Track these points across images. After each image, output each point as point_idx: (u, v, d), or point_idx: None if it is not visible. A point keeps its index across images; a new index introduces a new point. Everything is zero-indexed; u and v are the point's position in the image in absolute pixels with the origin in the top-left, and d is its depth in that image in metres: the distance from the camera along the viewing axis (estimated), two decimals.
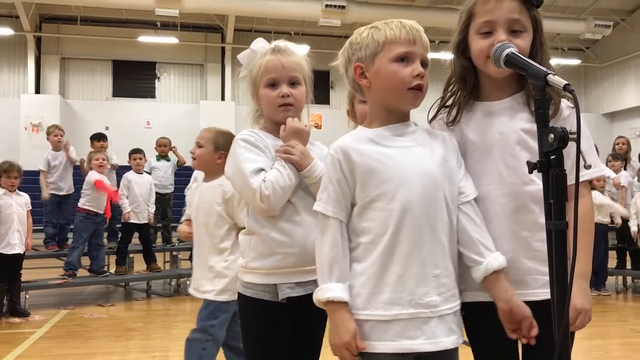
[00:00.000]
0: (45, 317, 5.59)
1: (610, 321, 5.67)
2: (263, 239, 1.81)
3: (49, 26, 16.13)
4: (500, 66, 1.48)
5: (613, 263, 7.29)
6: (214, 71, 17.05)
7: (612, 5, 16.41)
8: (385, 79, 1.55)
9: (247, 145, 1.83)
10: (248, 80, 1.96)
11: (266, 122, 1.96)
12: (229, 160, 1.86)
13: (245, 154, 1.80)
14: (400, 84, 1.53)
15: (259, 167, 1.77)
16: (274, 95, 1.87)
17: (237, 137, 1.87)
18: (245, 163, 1.78)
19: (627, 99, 17.45)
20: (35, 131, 14.68)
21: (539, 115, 1.30)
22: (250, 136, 1.85)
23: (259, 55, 1.93)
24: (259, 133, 1.89)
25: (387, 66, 1.54)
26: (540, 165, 1.29)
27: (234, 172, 1.82)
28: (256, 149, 1.82)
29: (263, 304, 1.80)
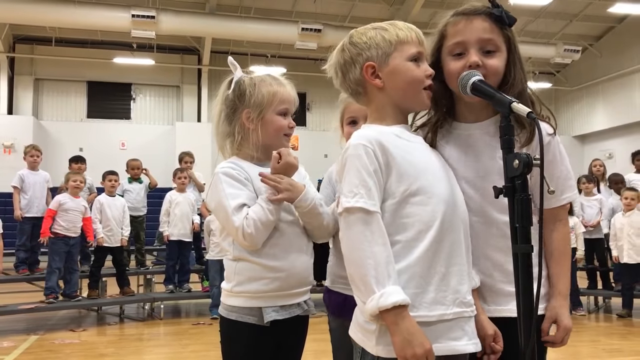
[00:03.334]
0: (14, 343, 5.47)
1: (583, 341, 5.74)
2: (249, 264, 1.81)
3: (22, 47, 16.00)
4: (467, 94, 1.52)
5: (584, 283, 7.40)
6: (190, 93, 17.05)
7: (581, 31, 16.88)
8: (403, 78, 1.54)
9: (228, 179, 1.81)
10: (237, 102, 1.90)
11: (252, 149, 1.90)
12: (211, 194, 1.85)
13: (227, 189, 1.79)
14: (418, 83, 1.55)
15: (241, 202, 1.77)
16: (285, 124, 1.90)
17: (218, 169, 1.85)
18: (227, 199, 1.77)
19: (596, 122, 17.87)
20: (7, 152, 14.48)
21: (504, 142, 1.35)
22: (232, 169, 1.83)
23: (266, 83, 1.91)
24: (241, 164, 1.87)
25: (404, 65, 1.54)
26: (506, 190, 1.32)
27: (217, 207, 1.81)
28: (238, 183, 1.81)
29: (248, 327, 1.80)
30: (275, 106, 1.88)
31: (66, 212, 6.30)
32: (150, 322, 6.69)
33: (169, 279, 7.11)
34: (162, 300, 6.96)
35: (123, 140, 15.83)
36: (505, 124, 1.36)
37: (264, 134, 1.88)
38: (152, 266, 8.13)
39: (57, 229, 6.25)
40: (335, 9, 15.37)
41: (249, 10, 14.87)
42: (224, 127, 1.94)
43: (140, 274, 7.75)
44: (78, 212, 6.42)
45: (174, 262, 7.14)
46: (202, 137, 15.37)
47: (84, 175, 6.93)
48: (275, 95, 1.89)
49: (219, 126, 1.95)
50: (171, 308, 7.48)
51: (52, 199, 6.55)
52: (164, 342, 5.89)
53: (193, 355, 4.87)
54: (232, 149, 1.93)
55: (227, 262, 1.90)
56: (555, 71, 18.83)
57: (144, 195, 7.80)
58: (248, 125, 1.88)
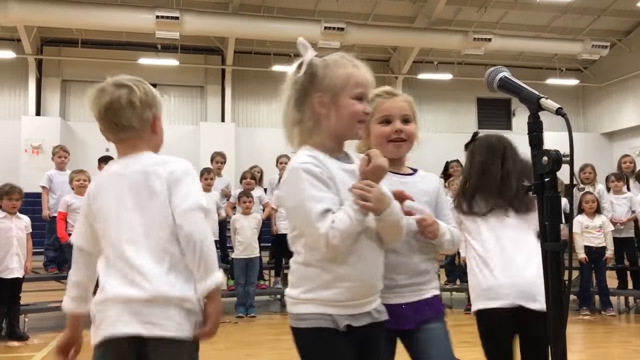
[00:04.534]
0: (44, 340, 5.56)
1: (613, 342, 5.64)
2: (322, 271, 1.68)
3: (50, 49, 16.28)
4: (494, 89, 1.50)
5: (614, 283, 7.27)
6: (214, 93, 17.16)
7: (609, 27, 16.58)
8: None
9: (310, 178, 1.64)
10: (308, 85, 1.74)
11: (325, 137, 1.75)
12: (288, 191, 1.68)
13: (310, 190, 1.62)
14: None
15: (325, 208, 1.61)
16: (360, 109, 1.74)
17: (296, 164, 1.67)
18: (310, 202, 1.61)
19: (625, 119, 17.54)
20: (35, 153, 14.74)
21: (532, 138, 1.32)
22: (314, 166, 1.66)
23: (339, 64, 1.75)
24: (320, 157, 1.70)
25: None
26: (535, 188, 1.30)
27: (296, 207, 1.65)
28: (320, 184, 1.64)
29: (325, 332, 1.66)
30: (350, 89, 1.73)
31: (75, 212, 6.29)
32: None
33: None
34: None
35: None
36: (533, 120, 1.33)
37: (338, 120, 1.72)
38: None
39: (70, 230, 6.29)
40: (358, 7, 15.33)
41: (271, 10, 14.92)
42: (292, 114, 1.77)
43: None
44: None
45: None
46: (226, 137, 15.49)
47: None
48: (350, 77, 1.73)
49: (288, 113, 1.78)
50: None
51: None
52: None
53: (219, 354, 4.90)
54: (301, 138, 1.77)
55: (296, 266, 1.75)
56: (582, 67, 18.53)
57: None
58: (320, 110, 1.73)
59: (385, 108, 2.05)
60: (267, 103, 17.36)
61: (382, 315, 1.78)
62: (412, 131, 2.06)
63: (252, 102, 17.34)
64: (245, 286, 6.73)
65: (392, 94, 2.09)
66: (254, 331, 6.03)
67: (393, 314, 1.86)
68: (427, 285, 2.03)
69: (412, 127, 2.06)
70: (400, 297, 1.98)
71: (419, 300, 2.00)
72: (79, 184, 6.40)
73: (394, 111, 2.05)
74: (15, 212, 5.63)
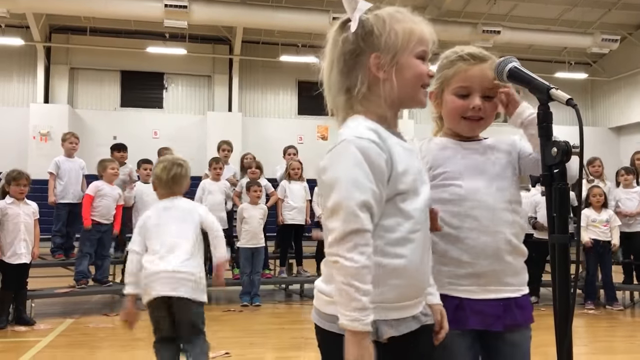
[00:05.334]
0: (50, 326, 5.61)
1: (618, 336, 5.64)
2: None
3: (58, 36, 16.29)
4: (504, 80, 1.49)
5: (620, 278, 7.25)
6: (221, 82, 17.15)
7: (619, 20, 16.44)
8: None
9: (361, 160, 1.33)
10: (361, 45, 1.45)
11: (383, 105, 1.47)
12: (331, 161, 1.37)
13: (358, 175, 1.32)
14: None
15: (365, 199, 1.31)
16: (425, 70, 1.49)
17: (351, 136, 1.36)
18: (353, 187, 1.31)
19: (634, 113, 17.43)
20: (43, 140, 14.80)
21: (542, 129, 1.32)
22: (371, 143, 1.35)
23: (397, 19, 1.50)
24: (380, 131, 1.40)
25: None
26: (543, 179, 1.30)
27: (333, 183, 1.34)
28: (371, 173, 1.33)
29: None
30: (412, 47, 1.46)
31: (102, 198, 6.41)
32: None
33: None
34: None
35: (155, 129, 16.03)
36: (543, 111, 1.33)
37: (401, 84, 1.45)
38: None
39: (94, 216, 6.36)
40: None
41: (280, 0, 14.86)
42: (338, 80, 1.48)
43: None
44: (112, 199, 6.52)
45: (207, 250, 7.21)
46: (233, 126, 15.49)
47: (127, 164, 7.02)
48: (412, 33, 1.47)
49: (331, 79, 1.49)
50: None
51: (88, 186, 6.66)
52: None
53: (224, 342, 4.92)
54: (349, 107, 1.48)
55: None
56: (592, 61, 18.40)
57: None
58: (378, 73, 1.44)
59: (466, 77, 1.73)
60: (275, 93, 17.34)
61: (429, 318, 1.50)
62: (492, 108, 1.75)
63: (259, 92, 17.33)
64: (250, 275, 6.75)
65: (480, 59, 1.74)
66: (258, 320, 6.05)
67: (477, 311, 1.63)
68: (516, 278, 1.71)
69: (493, 104, 1.74)
70: (487, 292, 1.66)
71: (508, 299, 1.68)
72: (112, 172, 6.52)
73: (475, 82, 1.72)
74: (22, 198, 5.67)
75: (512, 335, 1.68)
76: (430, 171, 1.71)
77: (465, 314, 1.63)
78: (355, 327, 1.26)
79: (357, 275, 1.26)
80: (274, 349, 4.86)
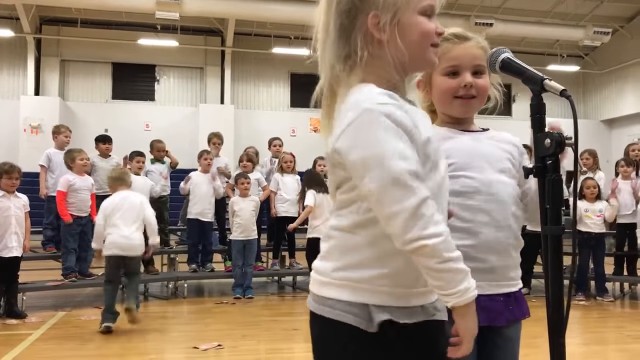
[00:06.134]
0: (42, 319, 5.58)
1: (608, 327, 5.68)
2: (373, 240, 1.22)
3: (49, 28, 16.16)
4: (496, 71, 1.49)
5: (610, 269, 7.30)
6: (213, 74, 17.08)
7: (611, 13, 16.47)
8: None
9: (393, 126, 1.16)
10: (356, 4, 1.28)
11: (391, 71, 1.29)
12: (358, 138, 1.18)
13: (394, 143, 1.15)
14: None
15: (415, 169, 1.15)
16: (432, 27, 1.30)
17: (370, 104, 1.18)
18: (394, 159, 1.14)
19: (625, 106, 17.51)
20: (34, 133, 14.70)
21: (535, 120, 1.31)
22: (396, 108, 1.19)
23: None
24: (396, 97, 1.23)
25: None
26: (536, 171, 1.29)
27: (368, 164, 1.15)
28: (407, 137, 1.18)
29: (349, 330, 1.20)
30: (415, 2, 1.27)
31: (76, 192, 6.30)
32: (173, 301, 6.78)
33: (192, 259, 7.19)
34: (185, 280, 7.04)
35: (147, 121, 15.95)
36: (536, 102, 1.32)
37: (407, 44, 1.26)
38: (176, 246, 8.21)
39: (71, 210, 6.29)
40: None
41: None
42: (335, 47, 1.29)
43: (164, 253, 7.83)
44: (87, 190, 6.43)
45: (196, 242, 7.22)
46: (225, 119, 15.44)
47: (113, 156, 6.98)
48: None
49: (328, 47, 1.30)
50: (194, 287, 7.57)
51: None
52: (187, 320, 5.97)
53: (216, 334, 4.92)
54: (350, 76, 1.28)
55: (338, 234, 1.26)
56: (583, 54, 18.45)
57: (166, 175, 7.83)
58: (379, 35, 1.26)
59: (453, 56, 1.66)
60: (267, 85, 17.28)
61: (440, 313, 1.29)
62: (484, 85, 1.68)
63: (251, 84, 17.27)
64: (242, 267, 6.75)
65: (463, 38, 1.69)
66: (251, 312, 6.06)
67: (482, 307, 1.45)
68: (515, 272, 1.68)
69: (484, 81, 1.68)
70: (494, 287, 1.61)
71: (509, 293, 1.65)
72: (82, 163, 6.38)
73: (464, 60, 1.66)
74: (13, 191, 5.63)
75: (509, 330, 1.66)
76: None
77: None
78: (469, 297, 1.16)
79: (447, 246, 1.13)
80: (267, 340, 4.86)
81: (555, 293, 1.28)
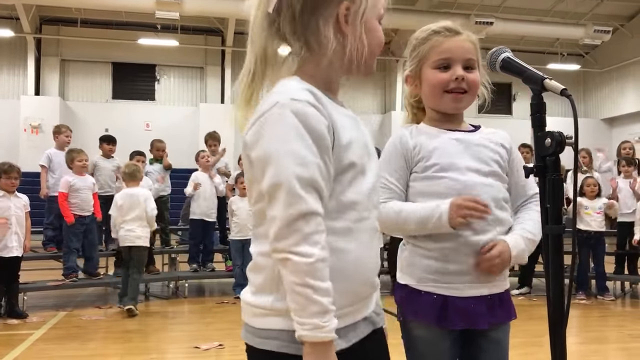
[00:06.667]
0: (43, 318, 5.59)
1: (608, 326, 5.68)
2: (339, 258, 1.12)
3: (49, 28, 16.16)
4: (496, 70, 1.48)
5: (611, 268, 7.30)
6: (213, 74, 17.08)
7: (612, 11, 16.46)
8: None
9: (301, 128, 1.07)
10: None
11: (338, 69, 1.21)
12: (261, 132, 1.10)
13: (294, 144, 1.06)
14: None
15: (310, 176, 1.06)
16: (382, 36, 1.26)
17: (285, 98, 1.09)
18: (288, 159, 1.06)
19: (626, 105, 17.49)
20: (34, 132, 14.70)
21: (535, 120, 1.31)
22: (311, 108, 1.09)
23: None
24: (316, 93, 1.12)
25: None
26: (537, 170, 1.29)
27: (264, 159, 1.08)
28: (313, 143, 1.07)
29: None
30: (379, 7, 1.21)
31: (77, 192, 6.31)
32: (174, 301, 6.78)
33: (193, 258, 7.19)
34: (186, 279, 7.04)
35: (147, 121, 15.95)
36: (536, 101, 1.32)
37: (366, 44, 1.17)
38: (177, 245, 8.21)
39: (73, 210, 6.29)
40: None
41: None
42: (284, 28, 1.17)
43: (165, 253, 7.84)
44: (88, 189, 6.45)
45: (198, 241, 7.22)
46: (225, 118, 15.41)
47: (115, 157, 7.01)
48: None
49: (262, 30, 1.17)
50: (195, 287, 7.57)
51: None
52: (188, 320, 5.97)
53: (216, 334, 4.93)
54: (284, 64, 1.20)
55: (261, 260, 1.16)
56: (584, 52, 18.43)
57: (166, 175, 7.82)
58: (344, 28, 1.16)
59: (444, 49, 1.64)
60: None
61: (381, 318, 1.28)
62: (475, 80, 1.65)
63: None
64: (242, 267, 6.74)
65: (454, 32, 1.67)
66: None
67: (461, 310, 1.57)
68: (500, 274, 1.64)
69: (475, 75, 1.65)
70: (474, 288, 1.59)
71: (492, 295, 1.62)
72: (81, 165, 6.39)
73: (455, 53, 1.64)
74: (13, 191, 5.63)
75: (496, 332, 1.63)
76: (422, 162, 1.63)
77: (449, 313, 1.57)
78: (318, 336, 1.03)
79: (313, 272, 1.02)
80: None
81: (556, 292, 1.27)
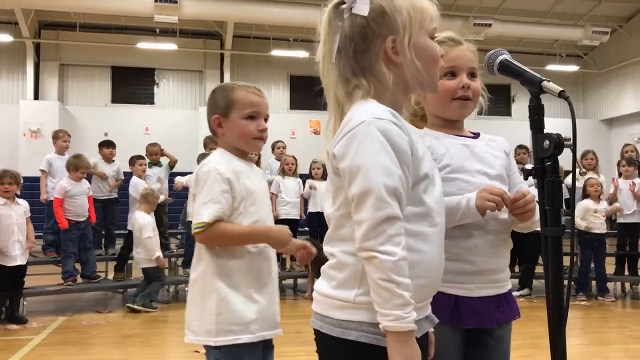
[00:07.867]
0: (43, 323, 5.58)
1: (609, 327, 5.67)
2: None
3: (48, 33, 16.16)
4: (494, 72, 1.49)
5: (612, 269, 7.30)
6: (212, 77, 17.07)
7: (610, 12, 16.48)
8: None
9: (384, 142, 1.20)
10: (373, 27, 1.29)
11: (400, 94, 1.35)
12: (348, 148, 1.23)
13: (380, 156, 1.19)
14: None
15: (395, 185, 1.19)
16: (438, 52, 1.38)
17: (369, 117, 1.22)
18: (376, 171, 1.18)
19: (625, 105, 17.50)
20: (33, 137, 14.69)
21: (534, 122, 1.31)
22: (392, 125, 1.23)
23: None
24: (397, 115, 1.26)
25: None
26: (536, 172, 1.29)
27: (354, 172, 1.21)
28: (395, 156, 1.21)
29: (378, 351, 1.21)
30: (426, 26, 1.32)
31: (72, 197, 6.32)
32: (174, 305, 6.77)
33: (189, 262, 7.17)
34: (186, 283, 7.02)
35: (147, 125, 15.94)
36: (535, 103, 1.32)
37: (420, 68, 1.31)
38: (176, 249, 8.20)
39: (67, 216, 6.29)
40: None
41: None
42: (344, 67, 1.32)
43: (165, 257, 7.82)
44: (84, 195, 6.45)
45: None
46: None
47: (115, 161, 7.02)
48: (424, 10, 1.32)
49: (329, 71, 1.34)
50: None
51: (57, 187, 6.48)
52: None
53: None
54: (355, 92, 1.33)
55: (345, 257, 1.26)
56: (582, 54, 18.45)
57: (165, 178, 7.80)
58: (395, 58, 1.29)
59: (451, 57, 1.67)
60: (267, 88, 17.27)
61: (434, 321, 1.39)
62: (478, 88, 1.71)
63: None
64: None
65: (458, 41, 1.73)
66: None
67: (472, 309, 1.60)
68: (504, 273, 1.70)
69: (477, 84, 1.71)
70: (483, 289, 1.63)
71: (499, 295, 1.67)
72: (78, 175, 6.41)
73: (461, 61, 1.69)
74: (12, 198, 5.55)
75: (500, 330, 1.67)
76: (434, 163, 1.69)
77: (461, 312, 1.60)
78: (400, 326, 1.15)
79: (396, 269, 1.15)
80: None
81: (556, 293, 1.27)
